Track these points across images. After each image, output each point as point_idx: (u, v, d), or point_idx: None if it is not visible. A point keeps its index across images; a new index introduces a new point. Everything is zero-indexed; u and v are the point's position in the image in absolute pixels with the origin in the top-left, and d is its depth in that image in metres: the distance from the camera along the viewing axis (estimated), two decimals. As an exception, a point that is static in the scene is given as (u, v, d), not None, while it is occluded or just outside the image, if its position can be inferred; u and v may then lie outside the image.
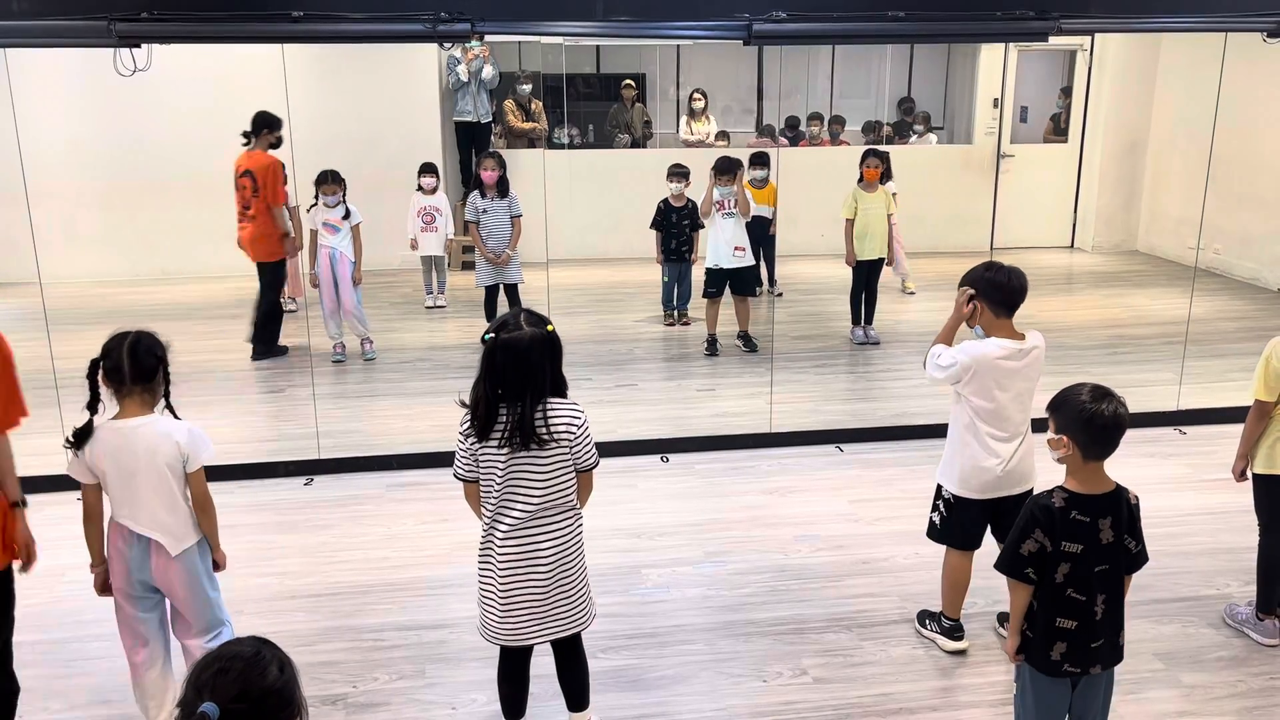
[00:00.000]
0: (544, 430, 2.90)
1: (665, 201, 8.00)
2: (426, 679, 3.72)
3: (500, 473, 2.95)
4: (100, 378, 3.16)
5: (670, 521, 4.93)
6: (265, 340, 7.42)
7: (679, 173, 7.97)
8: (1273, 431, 3.76)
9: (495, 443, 2.92)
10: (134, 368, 3.12)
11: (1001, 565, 2.87)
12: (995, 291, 3.56)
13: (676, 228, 7.94)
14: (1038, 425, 3.37)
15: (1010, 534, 2.87)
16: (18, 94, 5.07)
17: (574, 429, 2.97)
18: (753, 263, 7.52)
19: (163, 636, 3.35)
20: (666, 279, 8.15)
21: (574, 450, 2.99)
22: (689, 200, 7.91)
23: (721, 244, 7.34)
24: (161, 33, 4.88)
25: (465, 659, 3.81)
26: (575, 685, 3.28)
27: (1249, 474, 3.88)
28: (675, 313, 8.23)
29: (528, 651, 3.19)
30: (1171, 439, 5.89)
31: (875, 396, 6.78)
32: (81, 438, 3.18)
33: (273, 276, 7.50)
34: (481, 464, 2.97)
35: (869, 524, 4.88)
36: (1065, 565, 2.75)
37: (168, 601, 3.33)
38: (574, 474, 3.03)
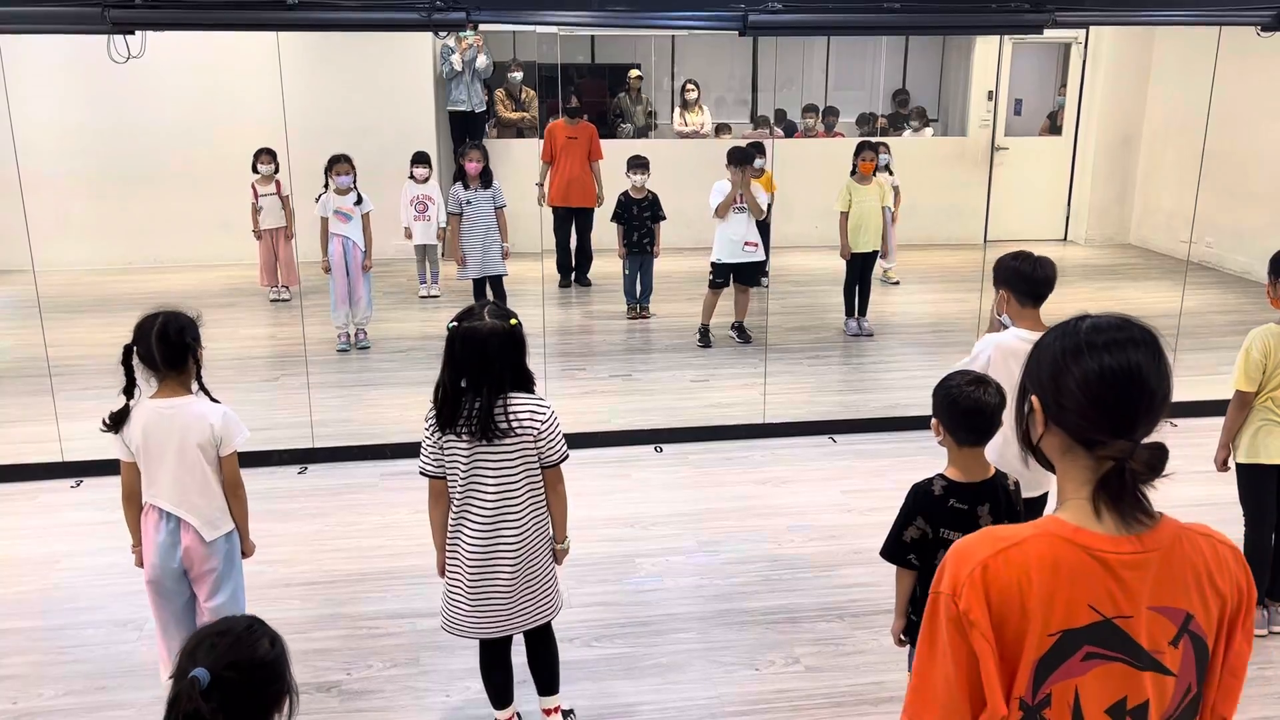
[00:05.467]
0: (504, 422, 2.90)
1: (625, 194, 8.01)
2: (420, 666, 3.74)
3: (464, 466, 2.95)
4: (135, 361, 3.15)
5: (663, 511, 4.95)
6: None
7: (639, 164, 7.97)
8: (1254, 421, 3.80)
9: (457, 435, 2.92)
10: (165, 355, 3.13)
11: (885, 552, 2.92)
12: (1020, 281, 3.53)
13: (637, 220, 7.95)
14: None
15: (894, 521, 2.90)
16: (11, 81, 5.04)
17: (538, 422, 2.94)
18: (763, 257, 7.50)
19: (191, 624, 3.36)
20: (627, 272, 8.15)
21: (539, 444, 2.97)
22: (649, 192, 7.93)
23: (732, 239, 7.31)
24: (155, 19, 4.88)
25: (459, 647, 3.81)
26: (545, 671, 3.30)
27: (1231, 464, 3.91)
28: (637, 306, 8.22)
29: (507, 642, 3.21)
30: (1163, 431, 5.91)
31: (868, 388, 6.80)
32: (118, 421, 3.18)
33: None
34: (446, 456, 2.97)
35: (861, 514, 4.90)
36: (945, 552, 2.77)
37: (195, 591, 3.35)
38: (538, 469, 3.01)
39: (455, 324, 2.92)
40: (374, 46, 9.58)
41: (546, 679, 3.31)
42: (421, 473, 3.04)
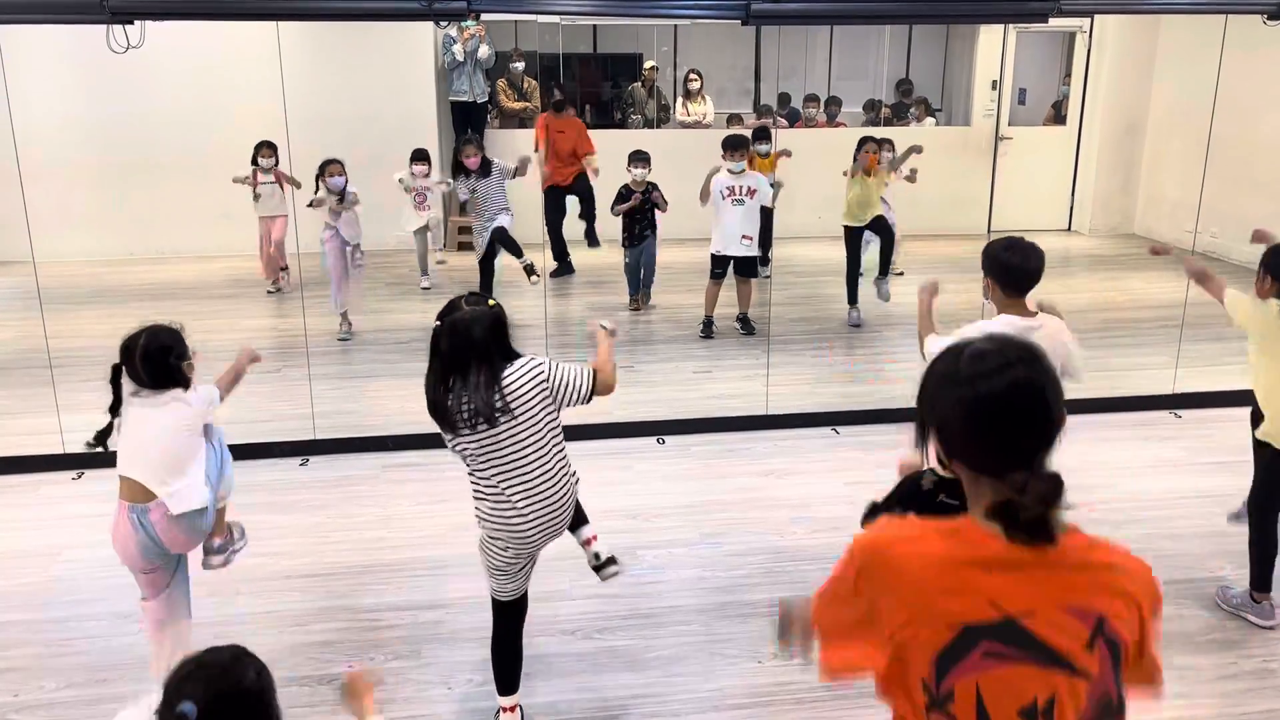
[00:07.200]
0: (500, 403, 2.92)
1: (626, 187, 7.98)
2: (422, 659, 3.73)
3: (485, 453, 2.97)
4: (123, 378, 3.23)
5: (666, 503, 4.93)
6: None
7: (640, 158, 7.96)
8: None
9: (471, 428, 2.94)
10: (150, 372, 3.19)
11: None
12: (1006, 273, 3.52)
13: (637, 210, 7.93)
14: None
15: (884, 497, 2.88)
16: (10, 71, 5.02)
17: (542, 377, 3.00)
18: (756, 252, 7.47)
19: (177, 595, 3.40)
20: (629, 260, 8.12)
21: (558, 394, 3.04)
22: (649, 183, 7.91)
23: (729, 232, 7.29)
24: (154, 9, 4.85)
25: (461, 639, 3.82)
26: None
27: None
28: (639, 297, 8.16)
29: (522, 617, 3.25)
30: (1167, 422, 5.90)
31: (871, 379, 6.77)
32: (103, 439, 3.26)
33: None
34: (465, 455, 3.00)
35: (864, 506, 4.87)
36: None
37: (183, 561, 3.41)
38: (559, 421, 3.08)
39: (439, 321, 2.97)
40: (375, 36, 9.54)
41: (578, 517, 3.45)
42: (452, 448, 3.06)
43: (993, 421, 1.51)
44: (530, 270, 7.27)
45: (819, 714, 3.44)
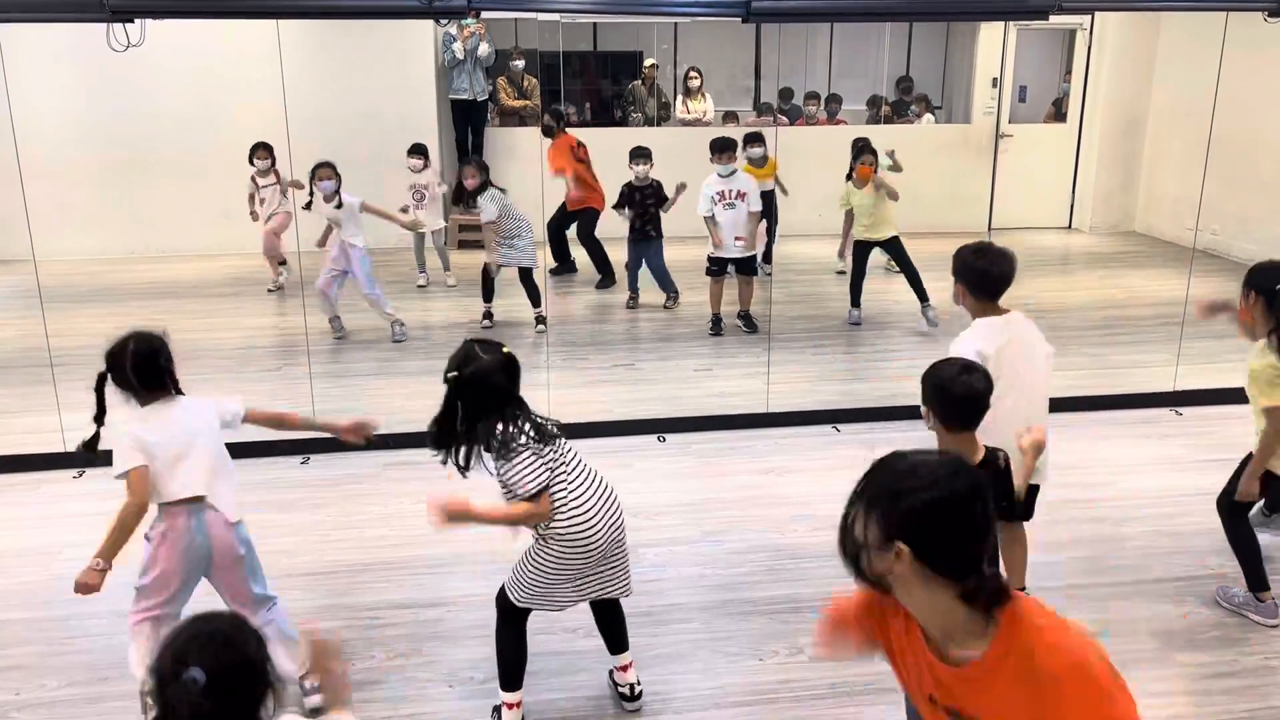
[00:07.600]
0: (544, 428, 3.06)
1: (628, 185, 7.97)
2: (424, 657, 3.73)
3: (565, 462, 3.12)
4: (108, 386, 3.23)
5: (667, 501, 4.93)
6: None
7: (642, 154, 7.96)
8: None
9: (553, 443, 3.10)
10: (142, 380, 3.20)
11: None
12: (975, 278, 3.53)
13: (640, 207, 7.93)
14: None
15: None
16: (11, 70, 5.02)
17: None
18: (754, 252, 7.48)
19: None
20: (630, 260, 8.11)
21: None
22: (652, 180, 7.90)
23: (722, 235, 7.30)
24: (154, 7, 4.85)
25: (462, 637, 3.82)
26: (619, 632, 3.45)
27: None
28: (669, 300, 8.18)
29: (529, 611, 3.29)
30: (1168, 420, 5.90)
31: (871, 376, 6.78)
32: (91, 448, 3.26)
33: None
34: (556, 463, 3.08)
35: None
36: None
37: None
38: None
39: (456, 373, 2.99)
40: (375, 34, 9.55)
41: (619, 638, 3.46)
42: (535, 495, 3.04)
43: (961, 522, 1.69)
44: (540, 320, 7.29)
45: (820, 712, 3.45)
